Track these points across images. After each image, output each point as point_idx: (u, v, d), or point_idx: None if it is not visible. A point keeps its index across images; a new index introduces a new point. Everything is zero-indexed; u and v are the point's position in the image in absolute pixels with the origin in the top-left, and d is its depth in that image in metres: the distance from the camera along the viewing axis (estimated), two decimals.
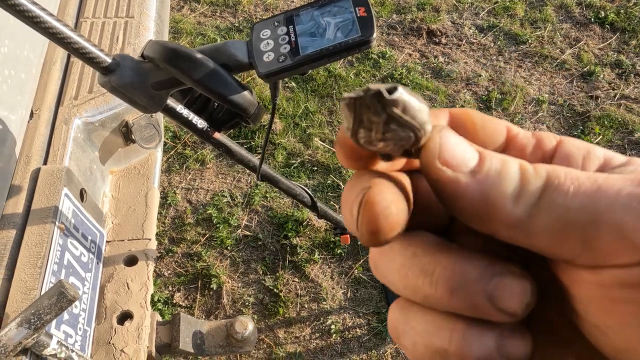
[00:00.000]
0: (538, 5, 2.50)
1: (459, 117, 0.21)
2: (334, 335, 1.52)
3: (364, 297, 1.60)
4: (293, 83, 2.11)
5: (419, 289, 0.18)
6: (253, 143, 1.91)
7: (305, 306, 1.57)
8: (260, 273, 1.63)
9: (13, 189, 0.84)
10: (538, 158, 0.20)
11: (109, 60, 0.65)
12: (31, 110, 0.95)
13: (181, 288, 1.60)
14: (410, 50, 2.29)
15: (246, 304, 1.57)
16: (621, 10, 2.45)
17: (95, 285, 0.88)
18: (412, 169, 0.21)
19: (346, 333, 1.53)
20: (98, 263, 0.91)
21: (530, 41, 2.33)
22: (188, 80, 0.64)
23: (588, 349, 0.19)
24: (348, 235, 1.42)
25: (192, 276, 1.62)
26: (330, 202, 1.77)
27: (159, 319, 0.93)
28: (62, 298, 0.61)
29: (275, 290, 1.59)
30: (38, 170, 0.86)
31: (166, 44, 0.65)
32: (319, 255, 1.66)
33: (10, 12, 0.57)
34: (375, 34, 0.62)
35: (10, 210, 0.81)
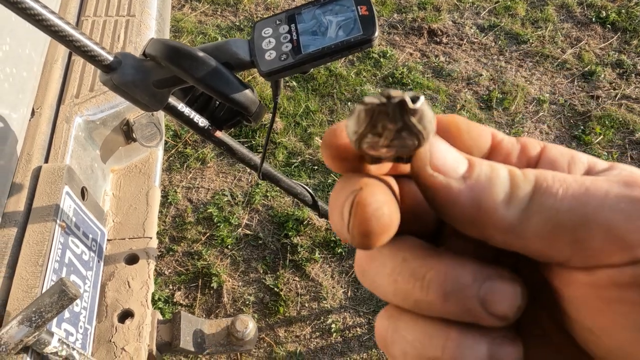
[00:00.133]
0: (539, 5, 2.50)
1: (445, 124, 0.21)
2: (334, 334, 1.52)
3: (365, 296, 1.60)
4: (294, 82, 2.11)
5: (409, 294, 0.18)
6: (254, 142, 1.91)
7: (306, 305, 1.57)
8: (261, 272, 1.63)
9: (14, 187, 0.84)
10: (523, 164, 0.21)
11: (111, 58, 0.65)
12: (32, 109, 0.95)
13: (182, 287, 1.60)
14: (411, 50, 2.29)
15: (247, 302, 1.57)
16: (622, 10, 2.44)
17: (96, 283, 0.88)
18: (398, 173, 0.21)
19: (346, 332, 1.53)
20: (99, 261, 0.91)
21: (531, 41, 2.33)
22: (190, 79, 0.64)
23: (579, 354, 0.19)
24: None
25: (193, 275, 1.62)
26: None
27: (160, 317, 0.94)
28: (63, 296, 0.61)
29: (275, 289, 1.59)
30: (39, 169, 0.86)
31: (168, 42, 0.65)
32: (319, 254, 1.66)
33: (12, 10, 0.57)
34: (377, 33, 0.62)
35: (12, 209, 0.81)
